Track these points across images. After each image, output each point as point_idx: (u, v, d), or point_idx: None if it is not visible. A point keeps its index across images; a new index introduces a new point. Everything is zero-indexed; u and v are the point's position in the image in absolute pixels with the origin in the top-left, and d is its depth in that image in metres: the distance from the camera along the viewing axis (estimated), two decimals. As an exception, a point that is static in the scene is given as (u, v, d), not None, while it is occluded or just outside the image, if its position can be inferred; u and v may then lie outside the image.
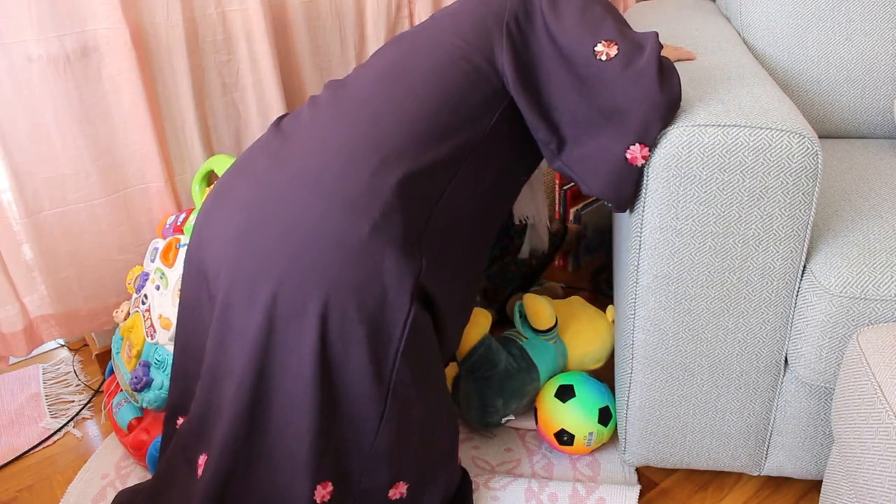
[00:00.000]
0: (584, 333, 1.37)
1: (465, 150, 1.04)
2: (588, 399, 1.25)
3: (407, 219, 0.98)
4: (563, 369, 1.36)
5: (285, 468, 0.99)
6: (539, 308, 1.31)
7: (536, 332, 1.32)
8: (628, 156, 0.97)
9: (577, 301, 1.45)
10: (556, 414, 1.24)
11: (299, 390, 0.96)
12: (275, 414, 0.98)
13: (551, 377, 1.32)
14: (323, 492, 1.00)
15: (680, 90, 0.98)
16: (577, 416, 1.23)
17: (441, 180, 1.02)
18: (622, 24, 1.03)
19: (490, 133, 1.05)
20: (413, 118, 1.02)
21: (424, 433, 1.05)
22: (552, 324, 1.32)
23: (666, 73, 0.97)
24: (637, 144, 0.96)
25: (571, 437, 1.23)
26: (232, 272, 1.00)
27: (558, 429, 1.24)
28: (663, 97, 0.95)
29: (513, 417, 1.30)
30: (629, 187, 0.99)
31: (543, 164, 1.30)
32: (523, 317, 1.35)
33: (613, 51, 0.98)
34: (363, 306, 0.95)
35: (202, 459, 1.04)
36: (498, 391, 1.27)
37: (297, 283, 0.95)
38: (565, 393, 1.25)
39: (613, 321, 1.36)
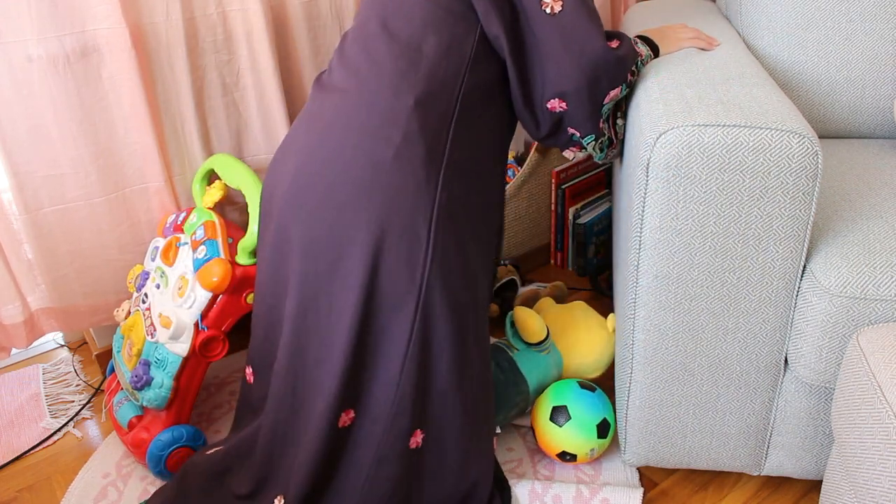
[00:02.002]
0: (581, 344, 1.36)
1: (460, 71, 1.10)
2: (584, 418, 1.22)
3: (426, 137, 1.06)
4: (559, 378, 1.35)
5: (317, 399, 1.07)
6: (529, 322, 1.30)
7: (528, 344, 1.31)
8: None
9: (578, 307, 1.43)
10: (554, 438, 1.23)
11: (338, 324, 1.05)
12: (313, 349, 1.08)
13: (544, 387, 1.31)
14: (345, 417, 1.07)
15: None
16: (575, 438, 1.22)
17: (448, 99, 1.09)
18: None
19: (474, 54, 1.11)
20: (414, 57, 1.09)
21: (452, 384, 1.08)
22: (542, 337, 1.30)
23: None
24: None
25: (574, 455, 1.23)
26: (287, 225, 1.11)
27: (559, 451, 1.24)
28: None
29: (499, 430, 1.28)
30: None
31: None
32: (514, 328, 1.33)
33: (558, 6, 1.05)
34: (402, 222, 1.03)
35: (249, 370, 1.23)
36: None
37: (341, 219, 1.05)
38: (560, 415, 1.23)
39: (615, 330, 1.34)
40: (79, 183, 1.38)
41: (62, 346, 1.70)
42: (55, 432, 1.44)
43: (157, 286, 1.34)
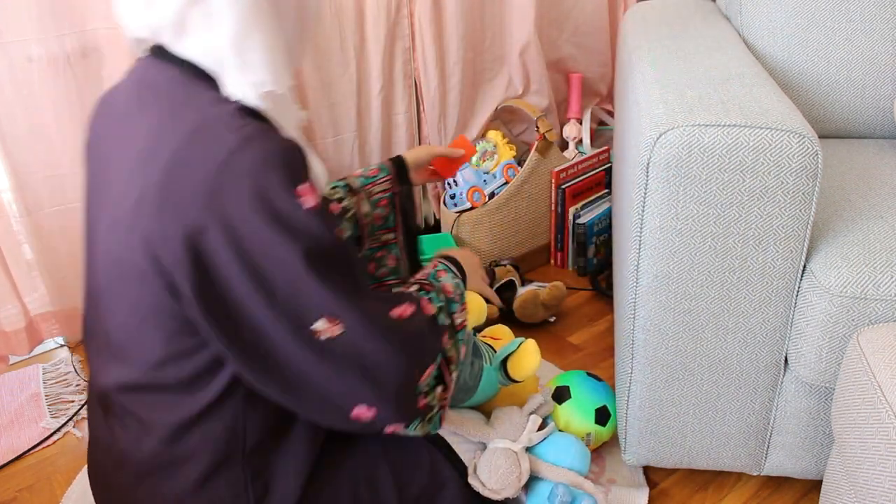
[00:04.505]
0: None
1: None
2: (584, 400, 1.24)
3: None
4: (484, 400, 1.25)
5: None
6: (530, 364, 1.18)
7: (509, 377, 1.20)
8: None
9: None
10: (552, 416, 1.24)
11: None
12: None
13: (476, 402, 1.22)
14: None
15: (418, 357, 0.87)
16: (573, 419, 1.23)
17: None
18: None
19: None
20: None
21: None
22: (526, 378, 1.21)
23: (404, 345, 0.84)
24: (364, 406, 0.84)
25: None
26: None
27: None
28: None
29: None
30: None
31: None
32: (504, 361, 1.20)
33: (338, 329, 0.79)
34: None
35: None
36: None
37: None
38: (562, 395, 1.24)
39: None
40: (78, 183, 1.38)
41: (62, 345, 1.70)
42: (55, 432, 1.44)
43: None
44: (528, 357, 1.17)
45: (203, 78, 0.80)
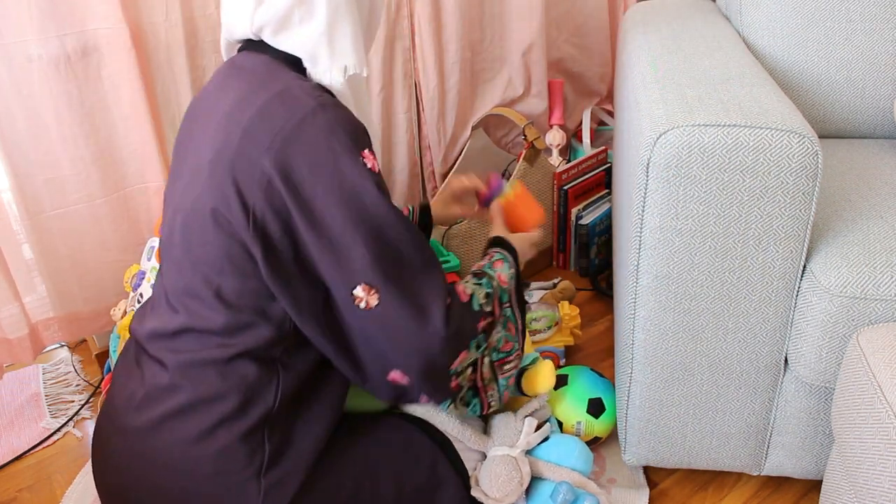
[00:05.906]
0: None
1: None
2: (579, 389, 1.26)
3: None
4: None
5: None
6: (541, 379, 1.19)
7: (519, 388, 1.21)
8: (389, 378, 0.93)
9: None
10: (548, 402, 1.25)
11: None
12: None
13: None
14: None
15: (463, 336, 0.94)
16: (565, 405, 1.25)
17: (265, 406, 0.92)
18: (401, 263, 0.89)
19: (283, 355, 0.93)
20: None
21: None
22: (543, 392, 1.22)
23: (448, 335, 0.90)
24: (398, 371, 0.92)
25: (559, 423, 1.25)
26: None
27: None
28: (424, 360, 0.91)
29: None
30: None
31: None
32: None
33: (374, 300, 0.87)
34: None
35: None
36: None
37: None
38: (559, 382, 1.26)
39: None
40: (79, 184, 1.38)
41: (62, 345, 1.70)
42: (55, 432, 1.44)
43: (152, 286, 1.33)
44: (544, 376, 1.19)
45: (288, 64, 0.92)
